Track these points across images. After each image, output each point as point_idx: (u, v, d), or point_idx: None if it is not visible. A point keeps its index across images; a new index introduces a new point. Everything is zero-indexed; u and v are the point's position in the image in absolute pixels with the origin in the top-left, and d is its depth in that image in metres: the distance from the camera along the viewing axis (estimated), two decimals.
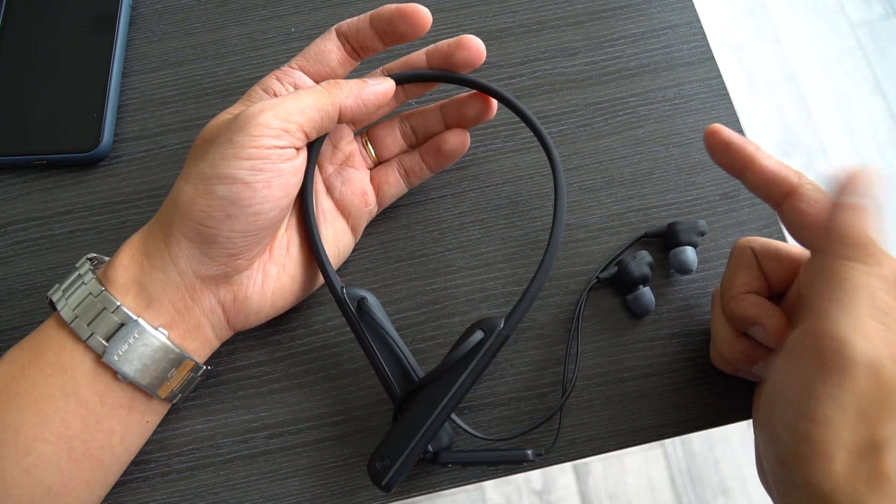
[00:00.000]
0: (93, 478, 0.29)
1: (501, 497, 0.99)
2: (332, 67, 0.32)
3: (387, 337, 0.31)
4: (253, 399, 0.33)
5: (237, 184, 0.28)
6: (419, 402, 0.30)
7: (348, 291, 0.31)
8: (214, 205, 0.28)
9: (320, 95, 0.30)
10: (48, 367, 0.28)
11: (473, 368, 0.30)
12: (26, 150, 0.37)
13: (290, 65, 0.32)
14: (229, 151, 0.28)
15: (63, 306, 0.28)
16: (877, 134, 1.21)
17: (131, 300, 0.29)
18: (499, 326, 0.30)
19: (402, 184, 0.35)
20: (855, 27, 1.29)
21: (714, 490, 1.00)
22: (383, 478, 0.29)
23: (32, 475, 0.27)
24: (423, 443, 0.29)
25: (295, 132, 0.29)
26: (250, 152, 0.28)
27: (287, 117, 0.28)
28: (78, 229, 0.36)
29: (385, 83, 0.32)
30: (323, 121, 0.30)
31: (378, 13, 0.31)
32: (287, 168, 0.29)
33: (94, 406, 0.28)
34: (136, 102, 0.39)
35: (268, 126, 0.28)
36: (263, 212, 0.28)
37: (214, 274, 0.29)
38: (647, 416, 0.33)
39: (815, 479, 0.23)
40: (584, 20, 0.40)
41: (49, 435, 0.27)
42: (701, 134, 0.38)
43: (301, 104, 0.29)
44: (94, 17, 0.40)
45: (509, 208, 0.37)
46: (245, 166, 0.28)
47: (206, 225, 0.28)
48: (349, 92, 0.30)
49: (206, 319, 0.30)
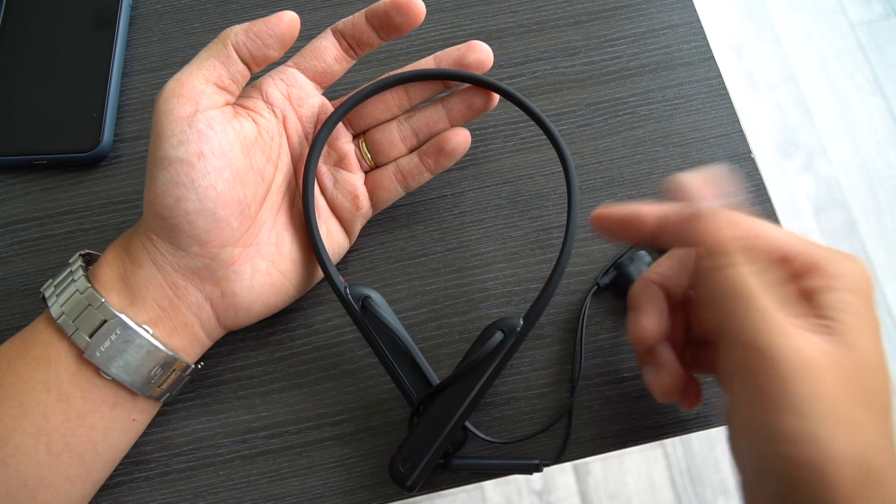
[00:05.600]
0: (73, 473, 0.28)
1: (501, 497, 0.99)
2: (327, 64, 0.32)
3: (395, 336, 0.31)
4: (253, 399, 0.33)
5: (172, 164, 0.28)
6: (439, 404, 0.30)
7: (352, 290, 0.31)
8: (162, 191, 0.28)
9: (211, 45, 0.29)
10: (33, 360, 0.28)
11: (494, 369, 0.30)
12: (26, 150, 0.37)
13: (286, 63, 0.32)
14: (155, 137, 0.28)
15: (52, 303, 0.29)
16: (877, 134, 1.21)
17: (115, 297, 0.29)
18: (518, 326, 0.30)
19: (398, 188, 0.34)
20: (855, 27, 1.29)
21: (714, 490, 1.00)
22: (408, 478, 0.29)
23: (9, 465, 0.27)
24: (444, 444, 0.30)
25: (202, 88, 0.28)
26: (169, 129, 0.28)
27: (184, 80, 0.28)
28: (78, 229, 0.36)
29: (286, 14, 0.30)
30: (225, 65, 0.29)
31: (373, 8, 0.31)
32: (212, 131, 0.28)
33: (76, 401, 0.28)
34: (136, 102, 0.39)
35: (171, 97, 0.28)
36: (211, 184, 0.28)
37: (194, 266, 0.29)
38: (647, 416, 0.33)
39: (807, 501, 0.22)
40: (584, 20, 0.40)
41: (28, 427, 0.27)
42: (701, 134, 0.38)
43: (196, 61, 0.29)
44: (94, 17, 0.40)
45: (509, 208, 0.37)
46: (172, 143, 0.28)
47: (162, 216, 0.28)
48: (238, 30, 0.29)
49: (195, 317, 0.30)
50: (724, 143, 0.38)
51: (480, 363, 0.30)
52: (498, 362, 0.30)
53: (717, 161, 0.37)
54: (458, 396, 0.30)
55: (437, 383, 0.31)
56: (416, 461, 0.30)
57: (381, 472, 0.32)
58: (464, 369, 0.30)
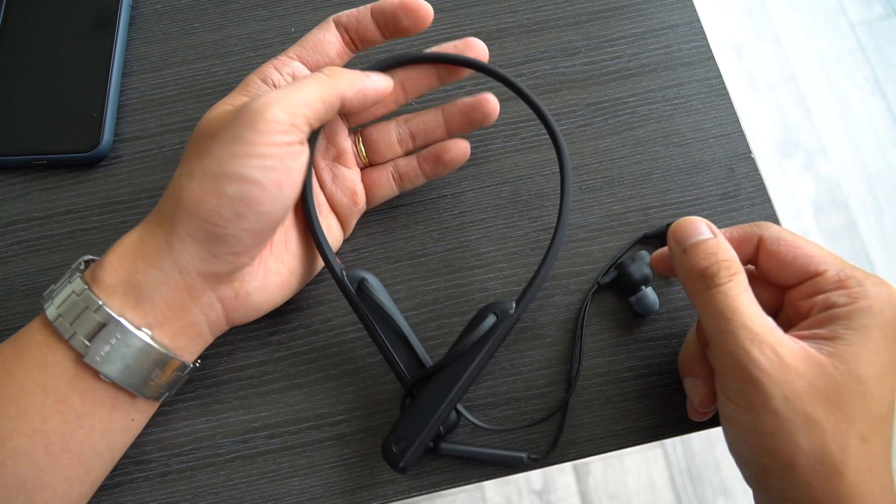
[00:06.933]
0: (72, 474, 0.28)
1: (501, 497, 0.99)
2: (330, 59, 0.32)
3: (390, 318, 0.31)
4: (253, 399, 0.33)
5: (248, 183, 0.27)
6: (431, 386, 0.30)
7: (349, 273, 0.31)
8: (224, 204, 0.27)
9: (324, 85, 0.29)
10: (29, 363, 0.28)
11: (486, 352, 0.30)
12: (26, 150, 0.37)
13: (289, 54, 0.31)
14: (239, 149, 0.27)
15: (49, 304, 0.28)
16: (877, 134, 1.21)
17: (118, 300, 0.28)
18: (511, 310, 0.30)
19: (393, 187, 0.35)
20: (855, 27, 1.29)
21: (714, 490, 1.00)
22: (400, 460, 0.30)
23: (7, 466, 0.27)
24: (436, 426, 0.30)
25: (302, 126, 0.28)
26: (261, 150, 0.27)
27: (294, 110, 0.28)
28: (78, 229, 0.36)
29: (385, 80, 0.32)
30: (326, 112, 0.29)
31: (380, 6, 0.31)
32: (295, 165, 0.28)
33: (74, 403, 0.28)
34: (136, 102, 0.39)
35: (276, 122, 0.27)
36: (273, 210, 0.28)
37: (219, 272, 0.29)
38: (647, 416, 0.33)
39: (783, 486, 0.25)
40: (584, 20, 0.40)
41: (26, 428, 0.27)
42: (701, 134, 0.38)
43: (306, 95, 0.28)
44: (94, 17, 0.40)
45: (509, 208, 0.37)
46: (257, 165, 0.27)
47: (214, 224, 0.27)
48: (351, 83, 0.30)
49: (203, 316, 0.30)
50: (724, 143, 0.38)
51: (473, 346, 0.30)
52: (490, 345, 0.30)
53: (717, 161, 0.37)
54: (450, 379, 0.30)
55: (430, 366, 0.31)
56: (409, 443, 0.30)
57: (382, 473, 0.32)
58: (456, 352, 0.30)
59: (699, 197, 0.37)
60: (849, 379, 0.25)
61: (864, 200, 1.18)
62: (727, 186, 0.37)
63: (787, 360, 0.25)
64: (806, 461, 0.25)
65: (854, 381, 0.25)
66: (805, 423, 0.25)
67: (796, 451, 0.25)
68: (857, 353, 0.25)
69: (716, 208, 0.36)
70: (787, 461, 0.25)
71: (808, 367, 0.25)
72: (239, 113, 0.28)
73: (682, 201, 0.37)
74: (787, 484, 0.25)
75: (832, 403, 0.25)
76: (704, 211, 0.36)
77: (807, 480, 0.25)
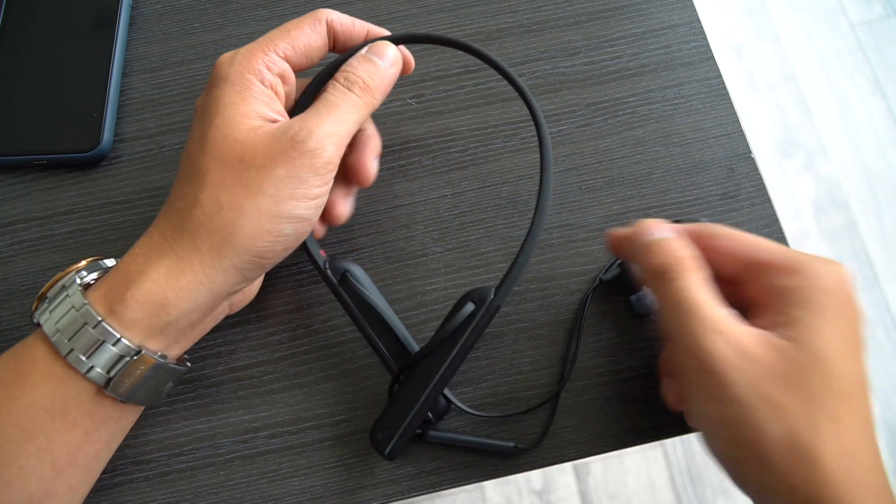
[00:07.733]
0: (77, 482, 0.28)
1: (501, 497, 0.99)
2: (313, 62, 0.31)
3: (374, 308, 0.31)
4: (253, 399, 0.33)
5: (304, 222, 0.28)
6: (415, 375, 0.30)
7: (333, 264, 0.32)
8: (279, 241, 0.28)
9: (362, 112, 0.30)
10: (34, 390, 0.27)
11: (466, 340, 0.30)
12: (26, 150, 0.37)
13: (276, 51, 0.29)
14: (297, 192, 0.27)
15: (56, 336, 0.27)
16: (877, 134, 1.21)
17: (139, 333, 0.27)
18: (489, 297, 0.30)
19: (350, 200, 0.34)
20: (855, 27, 1.29)
21: (714, 490, 1.00)
22: (385, 447, 0.30)
23: (14, 486, 0.27)
24: (420, 414, 0.30)
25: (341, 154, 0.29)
26: (318, 192, 0.28)
27: (342, 144, 0.29)
28: (78, 229, 0.36)
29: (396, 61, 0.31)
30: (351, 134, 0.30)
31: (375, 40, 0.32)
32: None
33: (83, 422, 0.27)
34: (136, 102, 0.39)
35: (332, 162, 0.28)
36: (306, 234, 0.30)
37: (243, 287, 0.30)
38: (648, 416, 0.33)
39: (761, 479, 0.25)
40: (584, 20, 0.40)
41: (32, 450, 0.27)
42: (701, 134, 0.38)
43: (349, 126, 0.29)
44: (94, 17, 0.40)
45: (509, 208, 0.37)
46: (312, 206, 0.28)
47: (264, 257, 0.28)
48: (380, 100, 0.31)
49: (212, 321, 0.31)
50: (724, 143, 0.38)
51: (453, 333, 0.30)
52: (470, 333, 0.30)
53: (717, 161, 0.37)
54: (432, 367, 0.30)
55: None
56: (395, 429, 0.30)
57: (382, 472, 0.32)
58: (434, 341, 0.30)
59: (699, 197, 0.37)
60: (810, 360, 0.25)
61: (864, 200, 1.18)
62: (727, 186, 0.37)
63: (745, 347, 0.25)
64: (777, 448, 0.24)
65: (815, 361, 0.25)
66: (770, 409, 0.24)
67: (765, 438, 0.24)
68: (816, 332, 0.25)
69: (716, 208, 0.36)
70: (759, 450, 0.24)
71: (768, 352, 0.25)
72: (290, 148, 0.27)
73: (682, 201, 0.37)
74: (764, 475, 0.24)
75: (796, 386, 0.24)
76: (704, 211, 0.36)
77: (782, 468, 0.24)
